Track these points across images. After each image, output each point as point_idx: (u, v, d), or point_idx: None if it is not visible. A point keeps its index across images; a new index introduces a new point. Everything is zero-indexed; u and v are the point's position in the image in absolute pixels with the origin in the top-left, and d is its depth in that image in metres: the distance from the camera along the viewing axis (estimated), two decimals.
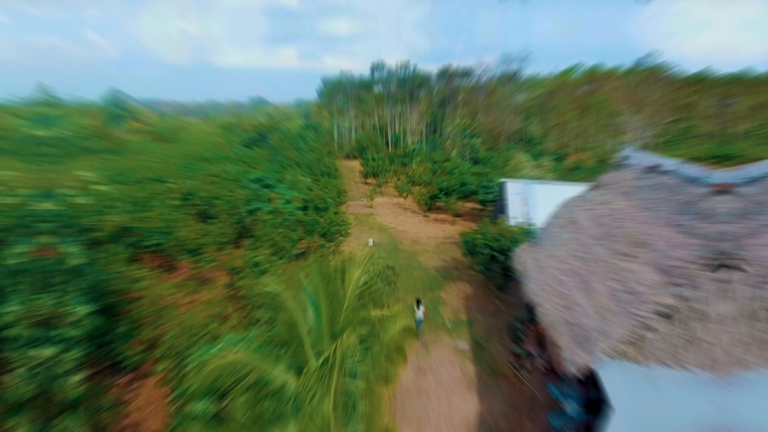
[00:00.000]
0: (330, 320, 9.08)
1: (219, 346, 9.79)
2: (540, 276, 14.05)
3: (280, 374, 8.68)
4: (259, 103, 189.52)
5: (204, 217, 25.57)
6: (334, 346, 8.15)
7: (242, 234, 23.83)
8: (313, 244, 22.34)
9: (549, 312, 12.13)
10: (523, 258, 16.09)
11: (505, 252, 19.31)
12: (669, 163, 13.37)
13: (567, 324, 11.13)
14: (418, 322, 16.94)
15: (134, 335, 13.27)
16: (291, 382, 8.66)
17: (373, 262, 15.31)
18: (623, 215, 13.10)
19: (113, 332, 13.30)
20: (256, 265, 17.41)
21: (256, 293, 10.30)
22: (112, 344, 13.28)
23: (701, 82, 78.52)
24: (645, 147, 46.48)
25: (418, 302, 17.18)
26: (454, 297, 20.48)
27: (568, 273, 13.03)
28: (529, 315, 17.68)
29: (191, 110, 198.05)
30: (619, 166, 15.99)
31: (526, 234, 19.56)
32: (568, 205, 16.42)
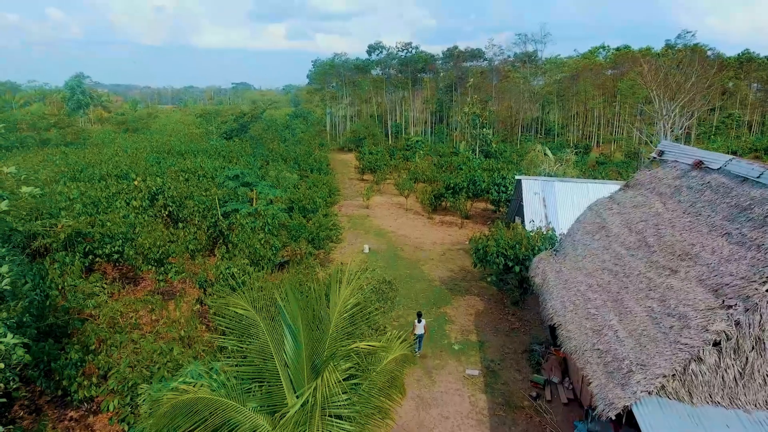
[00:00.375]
0: (311, 351, 8.47)
1: (179, 379, 9.16)
2: (563, 292, 13.45)
3: (250, 416, 8.06)
4: (242, 89, 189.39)
5: (174, 219, 24.96)
6: (313, 385, 7.53)
7: (217, 240, 23.22)
8: (299, 252, 21.73)
9: (574, 336, 11.52)
10: (542, 269, 15.50)
11: (522, 262, 18.73)
12: (715, 158, 12.75)
13: (597, 351, 10.52)
14: (419, 338, 16.61)
15: (86, 361, 12.64)
16: (263, 425, 8.04)
17: (367, 275, 14.69)
18: (661, 221, 12.48)
19: (62, 358, 12.70)
20: (231, 277, 16.77)
21: (227, 314, 9.67)
22: (62, 372, 12.70)
23: (741, 65, 78.08)
24: (678, 139, 45.90)
25: (419, 315, 16.82)
26: (463, 313, 19.87)
27: (597, 289, 12.43)
28: (549, 336, 17.11)
29: (166, 97, 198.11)
30: (654, 162, 15.36)
31: (546, 240, 18.97)
32: (595, 208, 15.81)
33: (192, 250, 21.13)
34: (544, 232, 19.42)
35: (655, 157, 15.39)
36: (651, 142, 48.71)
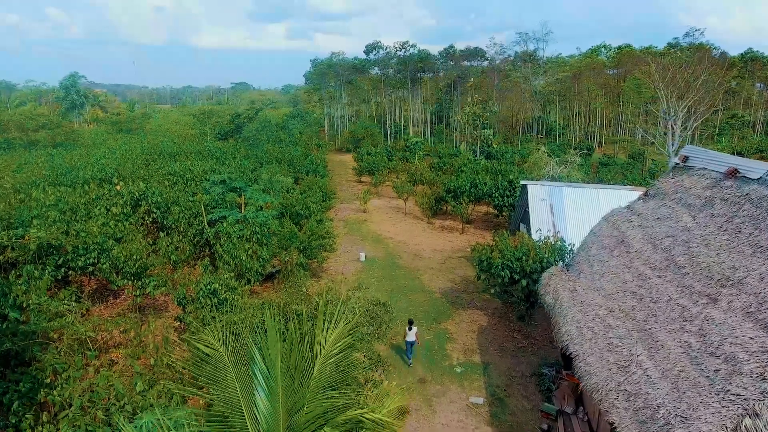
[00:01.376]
0: (290, 407, 6.93)
1: None
2: (579, 315, 11.91)
3: None
4: (241, 89, 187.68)
5: (159, 227, 23.43)
6: None
7: (203, 249, 21.70)
8: (290, 261, 20.18)
9: (595, 371, 9.99)
10: (554, 287, 13.95)
11: (529, 275, 17.21)
12: (752, 166, 11.21)
13: (624, 393, 8.99)
14: (410, 346, 15.73)
15: (41, 396, 11.11)
16: None
17: (360, 297, 13.16)
18: (692, 237, 10.95)
19: (11, 391, 11.19)
20: (213, 293, 15.24)
21: (193, 352, 8.24)
22: (11, 405, 11.20)
23: (745, 65, 76.42)
24: (685, 140, 44.31)
25: (410, 323, 15.87)
26: (465, 330, 18.35)
27: (620, 315, 10.90)
28: (560, 357, 15.57)
29: (164, 97, 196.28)
30: (677, 168, 13.83)
31: (556, 252, 17.45)
32: (612, 219, 14.28)
33: (175, 260, 19.63)
34: (553, 243, 17.87)
35: (678, 163, 13.85)
36: (655, 143, 47.15)
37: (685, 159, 13.60)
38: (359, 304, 12.39)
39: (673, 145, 37.22)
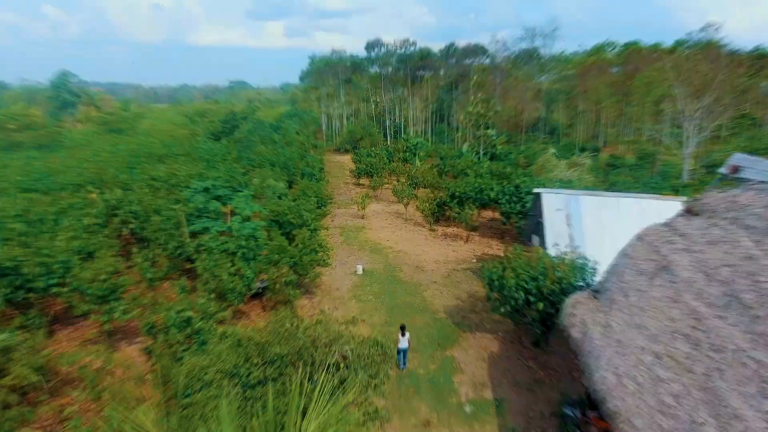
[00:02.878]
0: None
1: None
2: (617, 359, 9.92)
3: None
4: (239, 87, 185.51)
5: (138, 239, 21.48)
6: None
7: (183, 265, 19.72)
8: (279, 278, 18.19)
9: None
10: (581, 318, 11.95)
11: (547, 297, 15.22)
12: None
13: None
14: (402, 352, 15.26)
15: None
16: None
17: (355, 334, 11.16)
18: (760, 269, 8.97)
19: None
20: (186, 323, 13.26)
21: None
22: None
23: (754, 63, 74.19)
24: (699, 142, 42.29)
25: (402, 328, 15.42)
26: (473, 358, 16.36)
27: (671, 364, 8.90)
28: (585, 396, 13.58)
29: (161, 96, 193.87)
30: (725, 180, 11.85)
31: (577, 271, 15.45)
32: (648, 239, 12.25)
33: (151, 279, 17.65)
34: (574, 261, 15.86)
35: (726, 175, 11.87)
36: (667, 143, 45.14)
37: (736, 170, 11.61)
38: (353, 345, 10.40)
39: (687, 147, 35.20)
